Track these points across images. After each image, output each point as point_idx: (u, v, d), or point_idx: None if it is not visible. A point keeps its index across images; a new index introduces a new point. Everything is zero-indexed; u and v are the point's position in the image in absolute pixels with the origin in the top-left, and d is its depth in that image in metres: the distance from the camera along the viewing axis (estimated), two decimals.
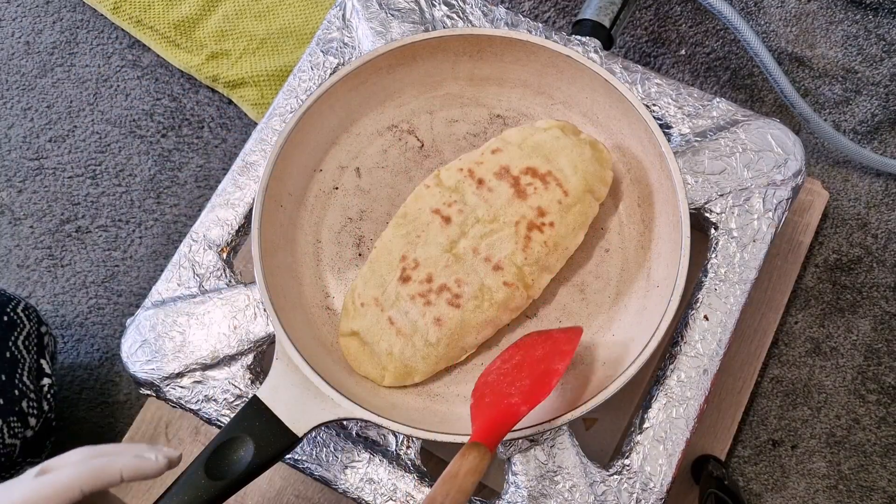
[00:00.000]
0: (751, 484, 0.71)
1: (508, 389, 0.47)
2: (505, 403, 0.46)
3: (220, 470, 0.45)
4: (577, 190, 0.54)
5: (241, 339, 0.55)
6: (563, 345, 0.50)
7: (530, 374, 0.48)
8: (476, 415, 0.47)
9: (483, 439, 0.44)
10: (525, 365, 0.49)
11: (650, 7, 0.85)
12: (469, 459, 0.43)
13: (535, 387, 0.47)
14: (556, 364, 0.48)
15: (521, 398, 0.46)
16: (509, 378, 0.48)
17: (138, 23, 0.88)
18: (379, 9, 0.63)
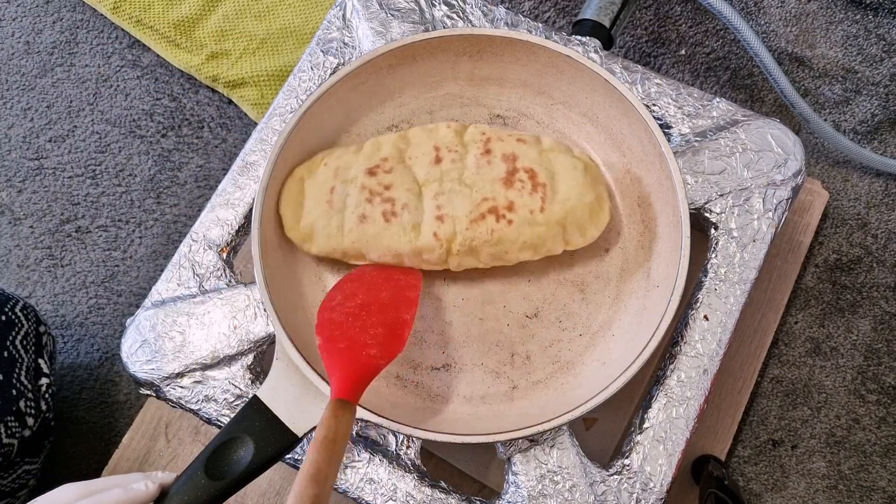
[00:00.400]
0: (751, 484, 0.71)
1: (362, 337, 0.48)
2: (364, 356, 0.47)
3: (220, 470, 0.45)
4: (552, 215, 0.54)
5: (241, 339, 0.55)
6: (406, 290, 0.51)
7: (382, 322, 0.49)
8: (333, 364, 0.47)
9: (348, 395, 0.45)
10: (373, 308, 0.50)
11: (650, 7, 0.85)
12: (343, 421, 0.43)
13: (389, 338, 0.48)
14: (404, 313, 0.50)
15: (378, 350, 0.47)
16: (359, 322, 0.49)
17: (138, 22, 0.88)
18: (379, 9, 0.63)
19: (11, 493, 0.64)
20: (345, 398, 0.45)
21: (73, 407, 0.77)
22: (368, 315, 0.49)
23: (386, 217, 0.54)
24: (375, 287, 0.52)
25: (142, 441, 0.70)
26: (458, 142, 0.56)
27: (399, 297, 0.51)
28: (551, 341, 0.56)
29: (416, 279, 0.53)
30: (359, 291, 0.51)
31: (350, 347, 0.47)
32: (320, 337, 0.48)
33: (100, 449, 0.75)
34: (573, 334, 0.56)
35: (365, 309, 0.50)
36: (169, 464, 0.70)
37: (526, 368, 0.55)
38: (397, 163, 0.56)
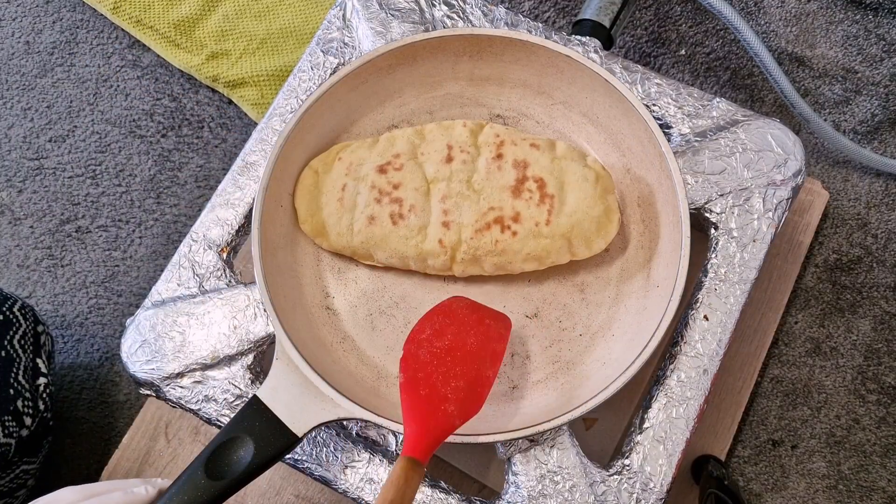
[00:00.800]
0: (751, 484, 0.71)
1: (444, 388, 0.46)
2: (441, 411, 0.45)
3: (220, 470, 0.45)
4: (557, 228, 0.54)
5: (241, 339, 0.55)
6: (495, 342, 0.49)
7: (465, 374, 0.47)
8: (412, 413, 0.45)
9: (420, 454, 0.43)
10: (459, 356, 0.48)
11: (650, 7, 0.85)
12: (412, 485, 0.42)
13: (469, 395, 0.46)
14: (487, 369, 0.48)
15: (456, 408, 0.45)
16: (444, 368, 0.47)
17: (138, 23, 0.88)
18: (379, 9, 0.63)
19: (9, 493, 0.64)
20: (416, 458, 0.43)
21: (73, 407, 0.77)
22: (453, 363, 0.47)
23: (393, 219, 0.55)
24: (465, 330, 0.49)
25: (142, 441, 0.70)
26: (472, 142, 0.57)
27: (486, 349, 0.48)
28: (551, 341, 0.56)
29: (505, 329, 0.51)
30: (447, 330, 0.49)
31: (430, 397, 0.46)
32: (404, 374, 0.47)
33: (100, 449, 0.75)
34: (573, 334, 0.56)
35: (451, 354, 0.48)
36: (169, 464, 0.70)
37: (526, 368, 0.55)
38: (409, 159, 0.56)
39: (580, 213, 0.54)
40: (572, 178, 0.55)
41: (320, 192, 0.57)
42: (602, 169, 0.56)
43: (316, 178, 0.57)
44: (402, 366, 0.47)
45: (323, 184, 0.57)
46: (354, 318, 0.57)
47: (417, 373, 0.47)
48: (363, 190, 0.56)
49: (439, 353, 0.48)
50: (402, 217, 0.55)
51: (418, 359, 0.47)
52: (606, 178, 0.56)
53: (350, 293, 0.58)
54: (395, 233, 0.55)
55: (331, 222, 0.56)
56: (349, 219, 0.56)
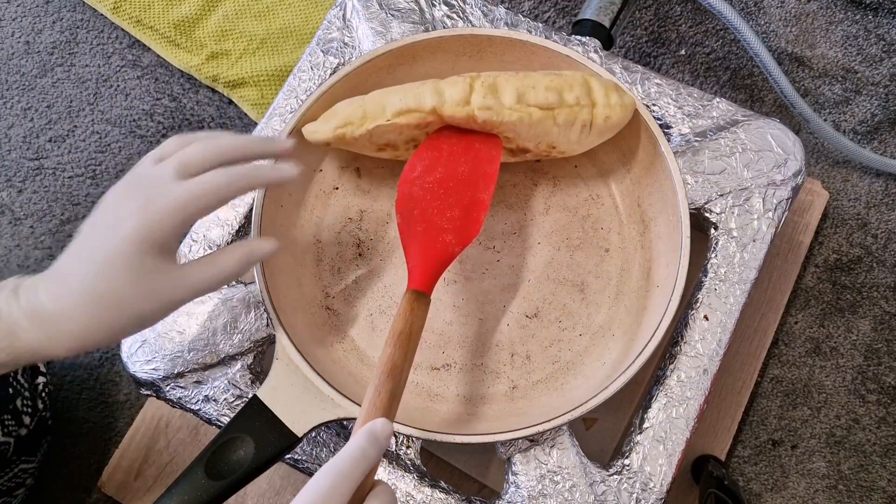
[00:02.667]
0: (751, 484, 0.71)
1: (439, 220, 0.48)
2: (440, 242, 0.47)
3: (220, 470, 0.45)
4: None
5: (241, 339, 0.55)
6: (485, 163, 0.50)
7: (459, 202, 0.48)
8: (412, 249, 0.47)
9: (424, 286, 0.45)
10: (451, 185, 0.49)
11: (650, 7, 0.85)
12: (419, 314, 0.44)
13: (465, 221, 0.48)
14: (481, 192, 0.49)
15: (454, 236, 0.47)
16: (437, 201, 0.49)
17: (138, 22, 0.88)
18: (379, 9, 0.63)
19: (8, 493, 0.64)
20: (421, 289, 0.45)
21: (73, 407, 0.77)
22: (447, 194, 0.49)
23: None
24: (454, 159, 0.50)
25: (142, 441, 0.70)
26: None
27: (478, 172, 0.50)
28: (551, 341, 0.56)
29: (496, 149, 0.50)
30: (437, 164, 0.50)
31: (427, 231, 0.47)
32: (400, 214, 0.48)
33: (100, 449, 0.75)
34: (573, 334, 0.56)
35: (443, 186, 0.49)
36: (169, 464, 0.70)
37: (526, 368, 0.55)
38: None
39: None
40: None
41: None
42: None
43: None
44: (398, 207, 0.48)
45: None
46: (354, 318, 0.57)
47: (413, 210, 0.48)
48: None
49: (432, 187, 0.49)
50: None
51: (412, 197, 0.49)
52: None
53: (350, 293, 0.58)
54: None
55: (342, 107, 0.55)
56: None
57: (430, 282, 0.46)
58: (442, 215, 0.48)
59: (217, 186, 0.42)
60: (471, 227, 0.48)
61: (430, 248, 0.47)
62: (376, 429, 0.38)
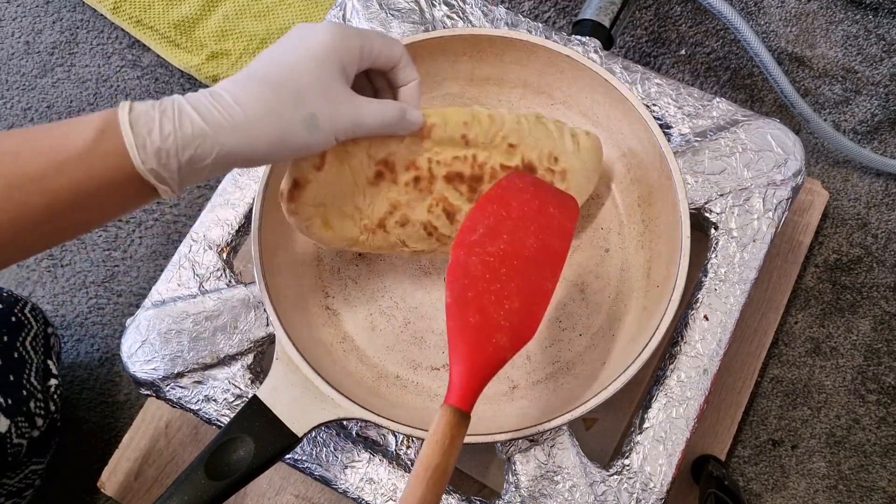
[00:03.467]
0: (751, 484, 0.71)
1: (496, 312, 0.39)
2: (492, 344, 0.39)
3: (220, 470, 0.45)
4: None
5: (241, 339, 0.55)
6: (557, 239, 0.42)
7: (520, 290, 0.40)
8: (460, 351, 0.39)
9: (467, 403, 0.38)
10: (514, 264, 0.41)
11: (650, 7, 0.85)
12: (457, 446, 0.37)
13: (524, 317, 0.40)
14: (547, 280, 0.41)
15: (509, 337, 0.39)
16: (497, 284, 0.40)
17: (138, 23, 0.88)
18: (379, 9, 0.63)
19: (18, 493, 0.64)
20: (463, 408, 0.37)
21: (73, 407, 0.77)
22: (508, 275, 0.40)
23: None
24: (524, 225, 0.42)
25: (142, 441, 0.70)
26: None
27: (547, 249, 0.42)
28: (551, 341, 0.56)
29: (570, 220, 0.43)
30: (503, 227, 0.42)
31: (481, 326, 0.39)
32: (451, 292, 0.40)
33: (100, 449, 0.75)
34: (573, 334, 0.56)
35: (506, 264, 0.41)
36: (169, 464, 0.70)
37: (526, 368, 0.55)
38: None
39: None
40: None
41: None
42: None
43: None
44: (449, 280, 0.40)
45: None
46: (354, 318, 0.57)
47: (467, 291, 0.40)
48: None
49: (493, 264, 0.41)
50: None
51: (468, 271, 0.40)
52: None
53: (350, 293, 0.58)
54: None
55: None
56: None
57: (474, 398, 0.38)
58: (500, 306, 0.40)
59: (391, 42, 0.46)
60: (528, 326, 0.40)
61: (481, 353, 0.39)
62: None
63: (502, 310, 0.40)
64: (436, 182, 0.51)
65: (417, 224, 0.52)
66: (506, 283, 0.40)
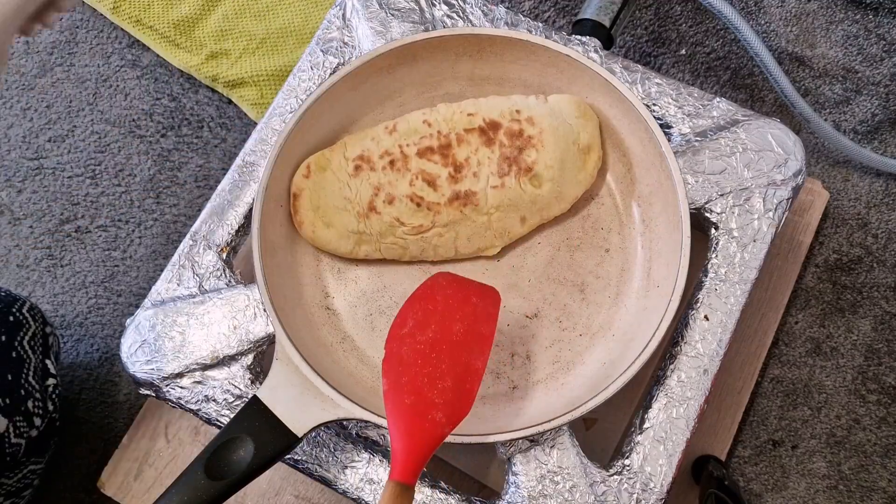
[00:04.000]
0: (751, 484, 0.71)
1: (430, 392, 0.43)
2: (429, 421, 0.42)
3: (220, 470, 0.45)
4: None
5: (241, 339, 0.55)
6: (482, 324, 0.46)
7: (452, 370, 0.44)
8: (398, 428, 0.42)
9: (409, 477, 0.41)
10: (444, 349, 0.44)
11: (650, 7, 0.85)
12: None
13: (457, 394, 0.43)
14: (476, 359, 0.44)
15: (444, 413, 0.42)
16: (429, 367, 0.44)
17: (138, 22, 0.88)
18: (379, 9, 0.63)
19: (17, 493, 0.64)
20: (405, 482, 0.40)
21: (73, 407, 0.77)
22: (439, 359, 0.44)
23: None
24: (449, 315, 0.46)
25: (142, 441, 0.70)
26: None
27: (473, 333, 0.45)
28: (551, 341, 0.56)
29: (493, 306, 0.47)
30: (431, 319, 0.46)
31: (416, 406, 0.42)
32: (387, 379, 0.44)
33: (100, 449, 0.75)
34: (573, 334, 0.56)
35: (436, 349, 0.44)
36: (169, 464, 0.70)
37: (526, 368, 0.55)
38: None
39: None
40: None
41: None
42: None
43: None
44: (385, 369, 0.44)
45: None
46: (354, 318, 0.57)
47: (401, 377, 0.44)
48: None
49: (423, 350, 0.44)
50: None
51: (401, 359, 0.44)
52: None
53: (350, 293, 0.58)
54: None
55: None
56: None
57: (416, 471, 0.41)
58: (433, 386, 0.43)
59: None
60: (463, 402, 0.43)
61: (419, 429, 0.42)
62: None
63: (435, 389, 0.43)
64: (410, 160, 0.57)
65: (403, 198, 0.56)
66: (437, 366, 0.44)
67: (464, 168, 0.56)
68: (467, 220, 0.56)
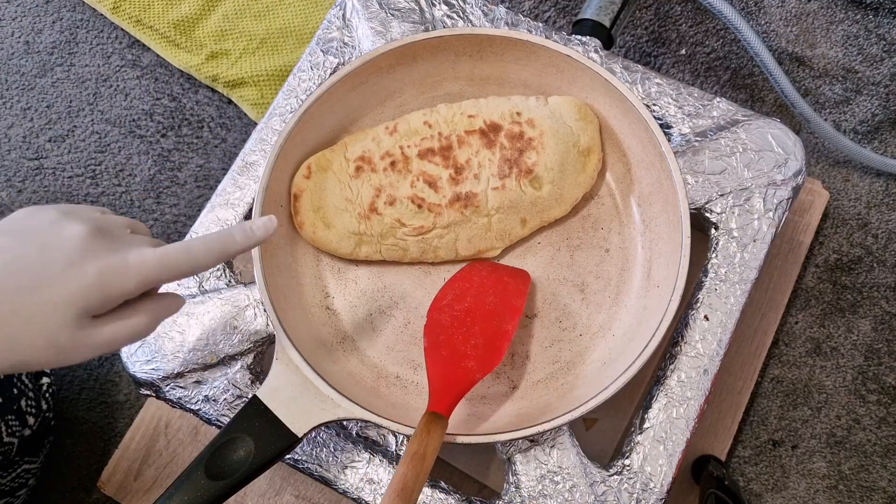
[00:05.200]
0: (751, 484, 0.71)
1: (464, 346, 0.50)
2: (462, 368, 0.48)
3: (220, 470, 0.45)
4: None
5: (241, 339, 0.55)
6: (513, 297, 0.52)
7: (483, 332, 0.50)
8: (435, 372, 0.48)
9: (443, 409, 0.46)
10: (478, 315, 0.51)
11: (650, 7, 0.85)
12: (435, 436, 0.44)
13: (488, 349, 0.49)
14: (507, 323, 0.51)
15: (476, 363, 0.49)
16: (464, 329, 0.51)
17: (138, 22, 0.88)
18: (379, 9, 0.63)
19: (11, 493, 0.64)
20: (439, 412, 0.46)
21: (73, 407, 0.77)
22: (473, 322, 0.51)
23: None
24: (484, 291, 0.53)
25: (142, 441, 0.70)
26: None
27: (504, 304, 0.52)
28: (551, 341, 0.56)
29: (524, 284, 0.54)
30: (468, 293, 0.53)
31: (451, 357, 0.49)
32: (427, 339, 0.50)
33: (100, 449, 0.75)
34: (573, 334, 0.56)
35: (471, 315, 0.51)
36: (169, 464, 0.70)
37: (526, 368, 0.55)
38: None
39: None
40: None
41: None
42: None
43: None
44: (426, 331, 0.51)
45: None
46: (354, 318, 0.57)
47: (439, 336, 0.50)
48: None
49: (459, 316, 0.51)
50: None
51: (440, 323, 0.51)
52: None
53: (350, 293, 0.58)
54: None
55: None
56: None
57: (450, 405, 0.47)
58: (466, 342, 0.50)
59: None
60: (493, 356, 0.49)
61: (453, 373, 0.48)
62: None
63: (469, 345, 0.50)
64: (411, 161, 0.57)
65: (404, 199, 0.56)
66: (471, 328, 0.51)
67: (465, 170, 0.56)
68: (468, 221, 0.56)
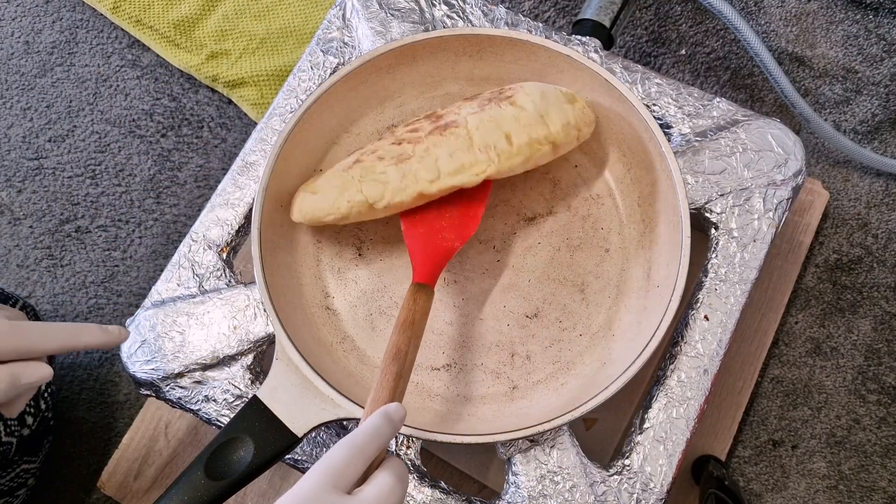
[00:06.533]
0: (751, 484, 0.71)
1: (439, 222, 0.52)
2: (440, 239, 0.52)
3: (220, 470, 0.45)
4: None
5: (241, 339, 0.55)
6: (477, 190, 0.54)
7: (456, 206, 0.53)
8: (414, 248, 0.51)
9: (426, 279, 0.49)
10: (449, 197, 0.53)
11: (650, 7, 0.85)
12: (421, 304, 0.47)
13: (464, 220, 0.52)
14: (477, 196, 0.53)
15: (453, 233, 0.52)
16: (436, 208, 0.53)
17: (138, 22, 0.88)
18: (379, 9, 0.63)
19: (10, 493, 0.64)
20: (424, 282, 0.49)
21: (73, 407, 0.77)
22: (445, 201, 0.53)
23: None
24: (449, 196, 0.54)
25: (142, 441, 0.70)
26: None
27: (474, 189, 0.53)
28: (551, 341, 0.56)
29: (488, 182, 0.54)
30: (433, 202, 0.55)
31: (428, 232, 0.52)
32: (404, 222, 0.53)
33: (100, 449, 0.75)
34: (573, 334, 0.56)
35: (444, 200, 0.53)
36: (169, 464, 0.70)
37: (526, 368, 0.55)
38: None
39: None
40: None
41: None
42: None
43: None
44: (402, 217, 0.53)
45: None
46: (354, 318, 0.57)
47: (415, 216, 0.53)
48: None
49: (432, 205, 0.53)
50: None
51: (415, 212, 0.53)
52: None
53: (350, 293, 0.58)
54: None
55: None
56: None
57: (431, 274, 0.49)
58: (441, 217, 0.52)
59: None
60: (469, 224, 0.52)
61: (431, 245, 0.51)
62: (390, 410, 0.41)
63: (444, 220, 0.52)
64: (397, 129, 0.57)
65: (387, 146, 0.54)
66: (443, 206, 0.53)
67: (445, 116, 0.55)
68: (447, 140, 0.52)
